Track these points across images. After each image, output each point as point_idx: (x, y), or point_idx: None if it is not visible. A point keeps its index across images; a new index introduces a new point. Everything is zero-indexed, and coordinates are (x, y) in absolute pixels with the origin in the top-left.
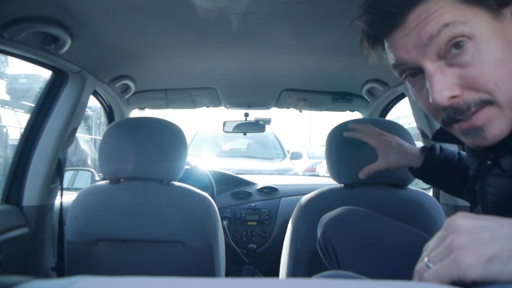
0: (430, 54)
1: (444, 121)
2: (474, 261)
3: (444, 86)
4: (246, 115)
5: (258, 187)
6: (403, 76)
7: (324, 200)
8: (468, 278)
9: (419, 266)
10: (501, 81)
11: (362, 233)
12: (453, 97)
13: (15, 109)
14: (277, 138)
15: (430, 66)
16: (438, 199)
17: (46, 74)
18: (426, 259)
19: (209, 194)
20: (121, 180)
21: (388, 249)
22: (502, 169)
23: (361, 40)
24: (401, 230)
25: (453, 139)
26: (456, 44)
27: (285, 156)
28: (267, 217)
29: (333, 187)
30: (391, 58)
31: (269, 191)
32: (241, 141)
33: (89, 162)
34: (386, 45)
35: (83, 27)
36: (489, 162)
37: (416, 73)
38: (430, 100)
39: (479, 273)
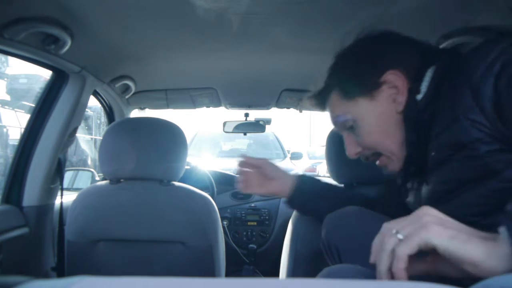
0: (340, 128)
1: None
2: (440, 231)
3: (351, 147)
4: (246, 115)
5: None
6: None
7: None
8: (430, 244)
9: (389, 242)
10: (379, 142)
11: (366, 233)
12: (358, 152)
13: (15, 109)
14: (277, 138)
15: (342, 132)
16: None
17: (46, 74)
18: (394, 231)
19: (209, 194)
20: (121, 180)
21: None
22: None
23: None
24: None
25: None
26: (348, 126)
27: (285, 156)
28: (267, 217)
29: None
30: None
31: None
32: (241, 141)
33: (89, 162)
34: None
35: (83, 27)
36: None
37: None
38: (347, 153)
39: (441, 243)
